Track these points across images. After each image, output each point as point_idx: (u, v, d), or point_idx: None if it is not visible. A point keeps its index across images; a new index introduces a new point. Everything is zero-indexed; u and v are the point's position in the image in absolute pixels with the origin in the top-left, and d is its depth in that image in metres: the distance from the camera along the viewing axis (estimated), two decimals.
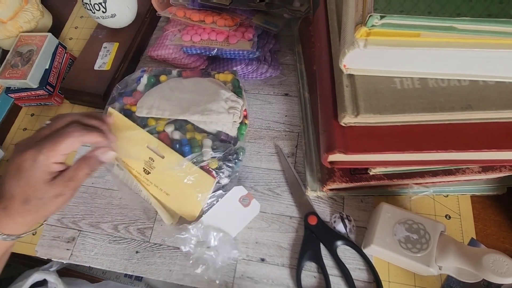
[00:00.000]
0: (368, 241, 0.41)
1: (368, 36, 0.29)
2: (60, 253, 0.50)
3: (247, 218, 0.47)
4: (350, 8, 0.32)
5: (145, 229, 0.50)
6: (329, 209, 0.48)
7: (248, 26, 0.57)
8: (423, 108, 0.32)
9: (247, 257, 0.46)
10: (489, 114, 0.32)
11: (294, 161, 0.52)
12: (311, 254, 0.44)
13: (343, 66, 0.33)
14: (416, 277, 0.43)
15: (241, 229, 0.47)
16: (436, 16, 0.26)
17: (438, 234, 0.39)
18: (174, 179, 0.44)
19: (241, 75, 0.58)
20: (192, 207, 0.45)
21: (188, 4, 0.58)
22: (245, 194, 0.47)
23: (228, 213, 0.46)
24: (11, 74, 0.61)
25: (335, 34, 0.39)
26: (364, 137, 0.34)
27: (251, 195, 0.47)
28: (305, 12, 0.58)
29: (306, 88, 0.55)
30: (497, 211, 0.46)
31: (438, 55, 0.31)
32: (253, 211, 0.47)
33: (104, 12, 0.61)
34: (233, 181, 0.48)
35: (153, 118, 0.48)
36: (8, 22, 0.66)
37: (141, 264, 0.47)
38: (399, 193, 0.47)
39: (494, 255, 0.35)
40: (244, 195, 0.47)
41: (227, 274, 0.45)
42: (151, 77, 0.53)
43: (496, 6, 0.25)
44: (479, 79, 0.32)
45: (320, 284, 0.44)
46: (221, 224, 0.45)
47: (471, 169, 0.40)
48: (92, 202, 0.53)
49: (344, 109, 0.33)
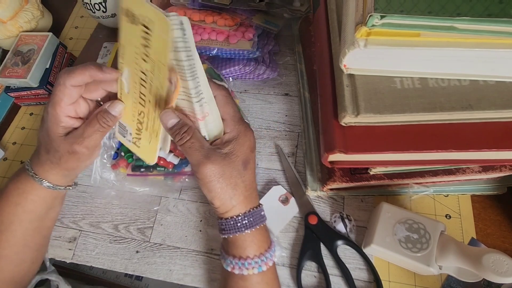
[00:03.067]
0: (368, 241, 0.41)
1: (368, 36, 0.29)
2: (62, 253, 0.50)
3: (288, 216, 0.48)
4: (350, 8, 0.32)
5: (145, 229, 0.50)
6: (330, 209, 0.48)
7: (248, 26, 0.57)
8: (423, 108, 0.32)
9: None
10: (489, 114, 0.32)
11: (294, 161, 0.52)
12: (311, 254, 0.44)
13: (344, 66, 0.33)
14: (416, 277, 0.43)
15: (282, 227, 0.47)
16: (436, 16, 0.26)
17: (438, 234, 0.39)
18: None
19: (239, 75, 0.59)
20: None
21: (188, 4, 0.58)
22: (283, 193, 0.48)
23: (269, 212, 0.46)
24: (11, 73, 0.61)
25: (335, 34, 0.39)
26: (364, 137, 0.34)
27: (290, 194, 0.49)
28: (305, 12, 0.58)
29: (307, 88, 0.55)
30: (497, 210, 0.46)
31: (438, 55, 0.31)
32: (292, 209, 0.48)
33: (104, 12, 0.61)
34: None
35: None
36: (8, 22, 0.66)
37: (141, 264, 0.47)
38: (399, 192, 0.47)
39: (494, 254, 0.35)
40: (283, 194, 0.48)
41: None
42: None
43: (496, 6, 0.25)
44: (479, 79, 0.32)
45: (320, 283, 0.44)
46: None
47: (471, 169, 0.40)
48: (92, 202, 0.53)
49: (344, 109, 0.33)
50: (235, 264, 0.36)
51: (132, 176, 0.50)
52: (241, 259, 0.36)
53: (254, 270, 0.36)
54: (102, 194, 0.52)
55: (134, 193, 0.52)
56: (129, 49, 0.35)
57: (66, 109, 0.37)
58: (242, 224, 0.36)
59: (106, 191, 0.51)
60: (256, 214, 0.37)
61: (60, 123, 0.37)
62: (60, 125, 0.37)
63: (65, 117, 0.37)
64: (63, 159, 0.38)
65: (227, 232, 0.36)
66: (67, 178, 0.42)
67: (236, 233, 0.36)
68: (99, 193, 0.52)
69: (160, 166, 0.49)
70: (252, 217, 0.37)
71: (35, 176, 0.40)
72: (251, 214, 0.37)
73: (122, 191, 0.52)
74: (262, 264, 0.36)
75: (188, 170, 0.50)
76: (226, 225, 0.36)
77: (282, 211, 0.48)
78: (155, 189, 0.51)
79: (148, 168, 0.49)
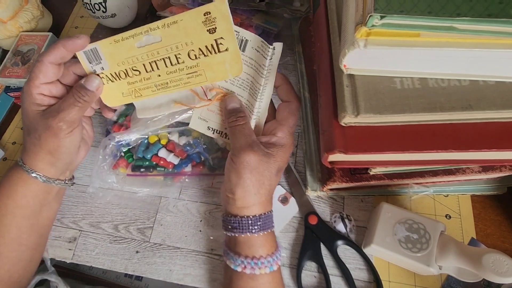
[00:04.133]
0: (368, 241, 0.41)
1: (368, 36, 0.29)
2: (62, 253, 0.50)
3: (287, 216, 0.48)
4: (350, 8, 0.32)
5: (145, 229, 0.50)
6: (329, 209, 0.48)
7: (248, 26, 0.57)
8: (423, 108, 0.32)
9: None
10: (489, 114, 0.32)
11: (294, 161, 0.52)
12: (311, 254, 0.44)
13: (343, 66, 0.33)
14: (416, 277, 0.43)
15: (282, 227, 0.47)
16: (436, 16, 0.26)
17: (438, 234, 0.39)
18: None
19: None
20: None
21: (188, 4, 0.58)
22: (283, 193, 0.49)
23: None
24: (11, 73, 0.61)
25: (335, 34, 0.39)
26: (364, 137, 0.34)
27: (289, 194, 0.48)
28: (305, 12, 0.58)
29: (306, 88, 0.55)
30: (497, 210, 0.46)
31: (438, 55, 0.31)
32: (292, 209, 0.48)
33: (104, 12, 0.61)
34: None
35: (154, 135, 0.48)
36: (8, 22, 0.66)
37: (141, 264, 0.47)
38: (399, 192, 0.48)
39: (494, 254, 0.35)
40: (282, 194, 0.48)
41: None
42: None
43: (496, 6, 0.25)
44: (479, 79, 0.32)
45: (320, 283, 0.44)
46: None
47: (471, 169, 0.40)
48: (91, 201, 0.53)
49: (344, 109, 0.33)
50: (247, 264, 0.36)
51: (132, 176, 0.50)
52: (254, 258, 0.36)
53: (266, 270, 0.36)
54: (102, 194, 0.52)
55: (134, 193, 0.52)
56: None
57: (40, 87, 0.36)
58: (257, 225, 0.37)
59: (106, 191, 0.51)
60: (270, 218, 0.39)
61: (35, 100, 0.37)
62: (35, 103, 0.37)
63: (39, 94, 0.37)
64: (42, 137, 0.37)
65: (239, 231, 0.37)
66: (55, 167, 0.40)
67: (250, 233, 0.37)
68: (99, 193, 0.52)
69: (160, 166, 0.49)
70: (267, 219, 0.38)
71: (24, 166, 0.39)
72: (266, 217, 0.38)
73: (122, 191, 0.52)
74: (273, 263, 0.37)
75: (188, 170, 0.50)
76: (240, 223, 0.37)
77: (281, 211, 0.48)
78: (155, 189, 0.51)
79: (148, 168, 0.49)
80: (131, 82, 0.38)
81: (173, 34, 0.34)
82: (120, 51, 0.36)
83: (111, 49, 0.36)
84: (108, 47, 0.36)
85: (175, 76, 0.36)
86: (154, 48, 0.35)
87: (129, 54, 0.36)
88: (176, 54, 0.35)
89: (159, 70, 0.36)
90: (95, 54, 0.37)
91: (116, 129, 0.50)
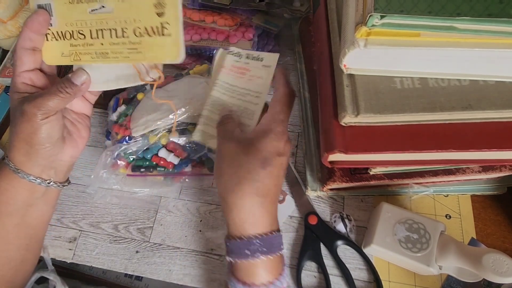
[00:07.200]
0: (368, 241, 0.41)
1: (368, 36, 0.29)
2: (63, 253, 0.50)
3: (283, 214, 0.48)
4: (350, 8, 0.32)
5: (145, 229, 0.50)
6: (329, 209, 0.48)
7: (248, 26, 0.57)
8: (423, 108, 0.32)
9: None
10: (489, 114, 0.32)
11: (294, 161, 0.52)
12: (311, 254, 0.44)
13: (343, 66, 0.33)
14: (416, 277, 0.43)
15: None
16: (436, 16, 0.26)
17: (438, 234, 0.39)
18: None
19: None
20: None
21: (188, 4, 0.58)
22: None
23: None
24: (11, 73, 0.61)
25: (335, 34, 0.39)
26: (364, 137, 0.34)
27: (285, 192, 0.48)
28: (305, 12, 0.58)
29: (306, 88, 0.55)
30: (497, 210, 0.46)
31: (438, 55, 0.31)
32: (288, 207, 0.48)
33: None
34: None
35: (154, 135, 0.48)
36: (8, 22, 0.66)
37: (141, 264, 0.47)
38: (399, 192, 0.48)
39: (494, 254, 0.35)
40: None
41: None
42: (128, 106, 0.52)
43: (496, 6, 0.25)
44: (479, 79, 0.32)
45: (320, 283, 0.44)
46: None
47: (471, 169, 0.40)
48: (91, 201, 0.53)
49: (344, 108, 0.33)
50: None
51: (132, 177, 0.50)
52: (252, 285, 0.32)
53: None
54: (102, 194, 0.52)
55: (134, 193, 0.52)
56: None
57: (21, 76, 0.36)
58: (256, 249, 0.32)
59: (106, 191, 0.51)
60: (275, 240, 0.33)
61: (17, 90, 0.36)
62: (17, 91, 0.36)
63: (21, 83, 0.36)
64: (17, 124, 0.35)
65: (235, 256, 0.33)
66: (33, 162, 0.37)
67: (246, 259, 0.32)
68: (99, 193, 0.52)
69: (160, 166, 0.49)
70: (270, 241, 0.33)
71: (6, 159, 0.38)
72: (270, 239, 0.33)
73: (122, 191, 0.52)
74: None
75: (188, 170, 0.50)
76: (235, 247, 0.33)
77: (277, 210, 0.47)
78: (155, 189, 0.51)
79: (148, 168, 0.49)
80: (73, 44, 0.38)
81: (125, 9, 0.35)
82: (72, 13, 0.37)
83: (64, 8, 0.37)
84: (62, 6, 0.37)
85: (117, 48, 0.37)
86: (104, 18, 0.36)
87: (79, 17, 0.37)
88: (123, 27, 0.36)
89: (103, 39, 0.37)
90: (48, 9, 0.38)
91: (116, 129, 0.50)
